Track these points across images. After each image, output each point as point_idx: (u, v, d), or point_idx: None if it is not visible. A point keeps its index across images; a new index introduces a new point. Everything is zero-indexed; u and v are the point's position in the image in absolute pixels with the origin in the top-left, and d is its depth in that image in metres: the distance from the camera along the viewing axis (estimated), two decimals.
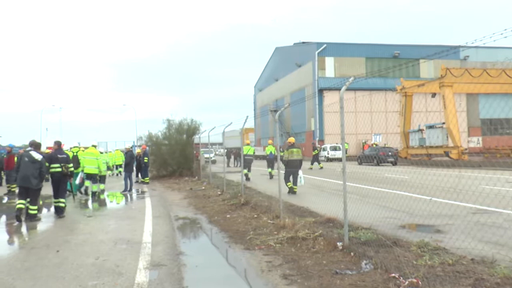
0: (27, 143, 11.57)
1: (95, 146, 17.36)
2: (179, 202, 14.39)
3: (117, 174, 29.23)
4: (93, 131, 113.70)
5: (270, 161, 22.23)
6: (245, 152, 15.18)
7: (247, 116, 13.98)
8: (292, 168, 14.85)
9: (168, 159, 25.45)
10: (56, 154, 12.22)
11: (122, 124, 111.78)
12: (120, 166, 19.05)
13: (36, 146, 11.57)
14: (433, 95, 36.67)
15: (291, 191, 14.82)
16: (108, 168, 19.85)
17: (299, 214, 10.10)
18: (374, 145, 39.37)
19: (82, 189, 17.39)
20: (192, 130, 26.40)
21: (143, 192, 18.06)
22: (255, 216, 10.23)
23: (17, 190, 18.51)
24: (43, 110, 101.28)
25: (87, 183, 17.04)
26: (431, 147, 35.11)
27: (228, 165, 29.87)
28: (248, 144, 23.55)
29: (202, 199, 14.62)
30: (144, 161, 21.97)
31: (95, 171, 16.33)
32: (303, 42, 58.14)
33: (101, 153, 18.35)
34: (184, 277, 5.98)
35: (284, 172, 14.68)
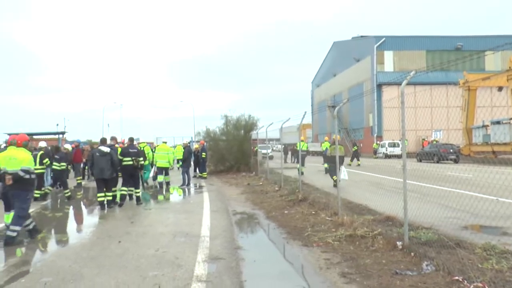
0: (90, 138, 12.54)
1: (165, 143, 19.41)
2: (237, 197, 14.52)
3: (178, 168, 29.79)
4: (152, 127, 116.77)
5: (326, 156, 22.25)
6: (298, 148, 15.35)
7: (305, 112, 13.87)
8: (334, 163, 15.03)
9: (225, 154, 25.71)
10: (128, 149, 13.49)
11: (180, 120, 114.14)
12: (182, 160, 19.53)
13: (103, 141, 13.04)
14: (500, 88, 34.80)
15: (336, 184, 14.89)
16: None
17: (357, 211, 9.94)
18: (434, 142, 38.10)
19: (156, 182, 18.36)
20: (249, 126, 26.53)
21: (201, 187, 18.35)
22: (313, 212, 10.15)
23: (83, 183, 19.45)
24: (105, 107, 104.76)
25: (160, 177, 18.07)
26: (497, 144, 33.45)
27: (285, 161, 29.86)
28: (302, 140, 23.52)
29: (259, 194, 14.68)
30: (202, 156, 22.26)
31: (166, 165, 18.12)
32: (362, 36, 56.89)
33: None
34: (243, 271, 6.02)
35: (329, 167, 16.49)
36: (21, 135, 9.01)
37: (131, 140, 14.11)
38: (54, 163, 15.17)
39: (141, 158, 13.83)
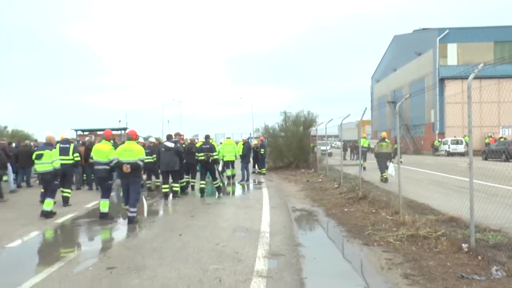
0: (150, 134, 13.13)
1: (229, 138, 19.91)
2: (296, 194, 14.49)
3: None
4: (210, 123, 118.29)
5: (374, 153, 21.90)
6: (360, 144, 15.22)
7: (366, 108, 13.59)
8: (381, 159, 17.12)
9: (284, 151, 25.68)
10: (202, 145, 14.75)
11: (238, 117, 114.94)
12: (241, 156, 19.74)
13: (168, 137, 14.26)
14: None
15: (383, 179, 16.62)
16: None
17: (419, 211, 9.67)
18: (501, 139, 36.36)
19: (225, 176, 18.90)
20: (308, 122, 26.37)
21: (260, 183, 18.45)
22: (373, 211, 9.98)
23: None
24: (165, 104, 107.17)
25: (228, 171, 18.87)
26: None
27: (344, 158, 29.48)
28: (364, 137, 23.19)
29: (318, 191, 14.59)
30: (261, 152, 22.38)
31: (233, 159, 18.82)
32: (423, 29, 54.97)
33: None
34: (303, 269, 6.01)
35: (378, 163, 17.36)
36: (132, 131, 10.77)
37: (207, 137, 15.28)
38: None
39: (214, 153, 14.75)
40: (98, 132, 26.83)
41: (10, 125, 49.70)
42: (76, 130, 29.77)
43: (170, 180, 13.68)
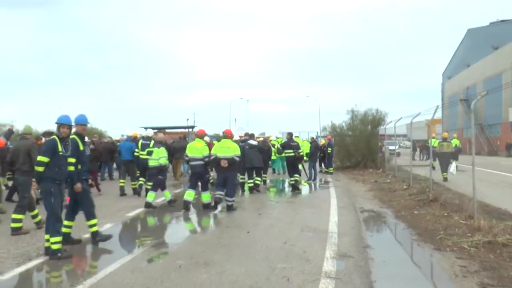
0: (218, 132, 13.43)
1: (297, 137, 20.38)
2: (364, 194, 14.24)
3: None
4: (277, 121, 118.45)
5: (435, 153, 21.08)
6: (430, 144, 14.79)
7: (437, 106, 13.11)
8: (443, 159, 17.63)
9: (352, 150, 25.24)
10: (290, 142, 15.72)
11: (305, 115, 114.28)
12: (307, 155, 19.61)
13: (251, 136, 15.68)
14: None
15: (444, 179, 17.05)
16: None
17: (496, 216, 9.18)
18: None
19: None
20: (377, 121, 25.74)
21: (326, 182, 18.27)
22: (445, 214, 9.59)
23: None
24: (232, 102, 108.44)
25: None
26: None
27: (413, 158, 28.59)
28: (433, 137, 22.38)
29: (387, 192, 14.24)
30: (328, 151, 22.15)
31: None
32: (502, 21, 52.01)
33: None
34: (372, 272, 5.89)
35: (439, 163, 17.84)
36: (228, 130, 11.76)
37: (291, 134, 16.36)
38: None
39: (301, 150, 15.76)
40: (167, 130, 27.53)
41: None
42: (146, 128, 30.76)
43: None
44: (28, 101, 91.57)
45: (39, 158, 6.71)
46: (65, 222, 7.36)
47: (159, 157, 11.62)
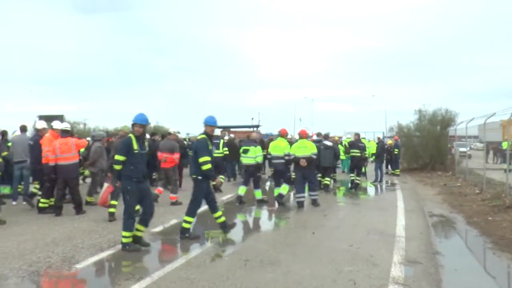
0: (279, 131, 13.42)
1: (363, 138, 19.67)
2: (432, 198, 13.74)
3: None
4: (341, 121, 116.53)
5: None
6: (504, 147, 14.04)
7: None
8: None
9: (419, 151, 24.43)
10: (357, 142, 16.17)
11: (370, 115, 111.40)
12: (373, 155, 19.20)
13: (325, 136, 15.90)
14: None
15: None
16: None
17: None
18: None
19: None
20: (446, 121, 24.76)
21: (393, 184, 17.80)
22: None
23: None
24: (297, 101, 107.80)
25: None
26: None
27: (486, 161, 27.27)
28: (505, 140, 21.25)
29: (457, 196, 13.65)
30: (395, 152, 21.57)
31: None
32: None
33: None
34: (442, 280, 5.67)
35: None
36: (302, 130, 12.41)
37: (358, 135, 16.89)
38: None
39: (367, 151, 16.31)
40: (232, 129, 27.89)
41: (153, 121, 53.93)
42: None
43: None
44: (100, 101, 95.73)
45: (116, 156, 6.98)
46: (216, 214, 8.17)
47: (255, 155, 11.87)
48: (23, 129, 11.89)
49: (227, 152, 15.70)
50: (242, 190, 11.84)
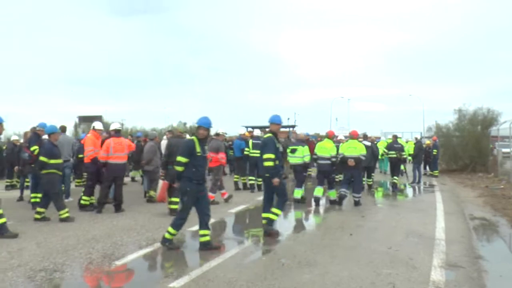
0: (318, 131, 13.64)
1: (400, 138, 19.40)
2: (473, 200, 13.38)
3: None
4: (378, 121, 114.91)
5: None
6: None
7: None
8: None
9: (459, 152, 23.85)
10: (393, 144, 16.24)
11: (407, 114, 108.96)
12: (410, 156, 18.88)
13: (365, 137, 16.15)
14: None
15: None
16: None
17: None
18: None
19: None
20: (488, 121, 24.05)
21: (431, 186, 17.42)
22: None
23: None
24: (333, 101, 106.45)
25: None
26: None
27: None
28: None
29: (500, 199, 13.20)
30: (433, 153, 21.10)
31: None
32: None
33: None
34: (487, 285, 5.50)
35: None
36: (354, 131, 12.71)
37: (395, 136, 16.86)
38: None
39: (404, 152, 16.22)
40: (267, 129, 27.92)
41: (189, 122, 54.55)
42: (247, 127, 31.39)
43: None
44: (137, 102, 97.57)
45: (178, 158, 6.98)
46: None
47: (303, 155, 12.00)
48: (63, 129, 12.18)
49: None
50: (318, 191, 11.86)
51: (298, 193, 12.07)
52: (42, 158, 9.08)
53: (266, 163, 7.77)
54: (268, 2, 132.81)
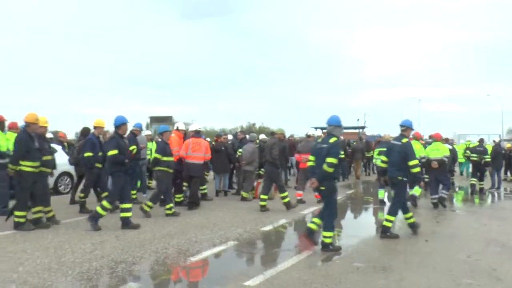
0: (389, 133, 13.36)
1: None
2: None
3: None
4: (451, 122, 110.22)
5: None
6: None
7: None
8: None
9: None
10: (477, 147, 15.87)
11: (484, 115, 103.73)
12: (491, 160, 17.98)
13: (445, 140, 14.73)
14: None
15: None
16: None
17: None
18: None
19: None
20: None
21: None
22: None
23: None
24: (403, 101, 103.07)
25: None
26: None
27: None
28: None
29: None
30: None
31: None
32: None
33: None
34: None
35: None
36: (437, 134, 12.76)
37: (482, 140, 16.63)
38: None
39: (487, 156, 15.79)
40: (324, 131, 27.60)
41: (258, 122, 54.98)
42: (316, 128, 31.11)
43: None
44: (206, 102, 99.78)
45: (332, 160, 6.92)
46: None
47: None
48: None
49: (343, 155, 15.99)
50: (416, 190, 11.89)
51: (381, 194, 12.37)
52: (156, 155, 9.76)
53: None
54: (337, 1, 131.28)
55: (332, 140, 7.05)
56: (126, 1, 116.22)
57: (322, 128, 30.21)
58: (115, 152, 8.28)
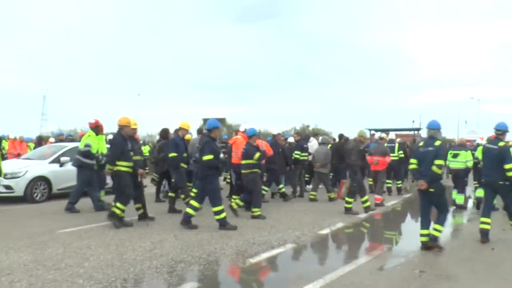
0: (445, 135, 13.07)
1: None
2: None
3: None
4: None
5: None
6: None
7: None
8: None
9: None
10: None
11: None
12: None
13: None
14: None
15: None
16: None
17: None
18: None
19: None
20: None
21: None
22: None
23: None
24: (461, 102, 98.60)
25: None
26: None
27: None
28: None
29: None
30: None
31: None
32: None
33: None
34: None
35: None
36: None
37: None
38: None
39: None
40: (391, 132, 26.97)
41: (311, 123, 54.70)
42: (370, 130, 30.51)
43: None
44: (258, 104, 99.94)
45: (441, 162, 7.25)
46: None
47: (466, 159, 11.98)
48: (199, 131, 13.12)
49: (402, 155, 15.78)
50: (459, 198, 12.06)
51: (460, 199, 12.09)
52: (249, 160, 9.88)
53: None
54: (388, 2, 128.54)
55: (438, 143, 7.25)
56: (180, 8, 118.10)
57: (377, 130, 29.58)
58: (210, 157, 8.32)
